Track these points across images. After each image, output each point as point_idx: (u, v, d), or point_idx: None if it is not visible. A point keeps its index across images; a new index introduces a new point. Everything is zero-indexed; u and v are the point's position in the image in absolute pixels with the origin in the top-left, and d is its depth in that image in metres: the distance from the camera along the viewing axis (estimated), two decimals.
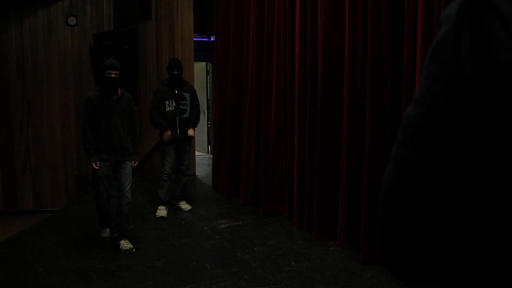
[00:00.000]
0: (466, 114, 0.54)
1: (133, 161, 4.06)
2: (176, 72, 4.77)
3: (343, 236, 3.79)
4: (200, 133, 8.62)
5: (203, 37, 8.30)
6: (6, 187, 7.11)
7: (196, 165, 7.13)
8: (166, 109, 4.78)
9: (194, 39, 6.58)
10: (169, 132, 4.76)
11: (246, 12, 5.14)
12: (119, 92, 4.02)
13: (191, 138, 5.01)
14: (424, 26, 3.02)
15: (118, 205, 3.94)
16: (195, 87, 5.41)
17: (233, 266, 3.52)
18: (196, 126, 5.06)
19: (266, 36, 4.81)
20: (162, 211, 4.81)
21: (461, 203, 0.56)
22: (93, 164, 3.87)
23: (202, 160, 8.22)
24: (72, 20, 7.13)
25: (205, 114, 8.82)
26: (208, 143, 9.08)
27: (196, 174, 6.82)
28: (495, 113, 0.52)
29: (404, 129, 0.60)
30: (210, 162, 6.84)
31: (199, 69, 8.71)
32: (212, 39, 7.80)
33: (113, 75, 3.91)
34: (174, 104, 4.80)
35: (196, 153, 7.44)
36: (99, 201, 4.03)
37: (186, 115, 4.88)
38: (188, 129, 4.88)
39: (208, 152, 9.03)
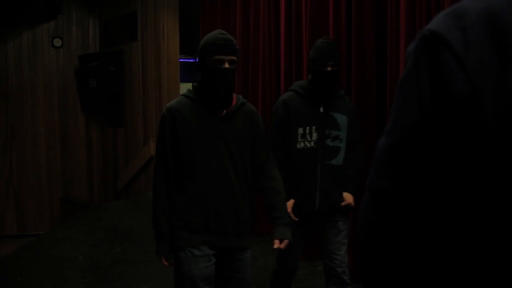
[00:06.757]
0: (430, 142, 0.57)
1: (277, 240, 2.09)
2: (329, 69, 2.53)
3: None
4: None
5: (189, 58, 8.35)
6: None
7: None
8: (298, 146, 2.58)
9: (180, 60, 6.61)
10: (291, 202, 2.55)
11: (231, 34, 5.19)
12: (234, 102, 2.13)
13: (350, 209, 2.65)
14: (407, 35, 3.12)
15: None
16: None
17: None
18: (356, 185, 2.64)
19: (252, 56, 4.86)
20: None
21: (434, 226, 0.59)
22: (163, 259, 2.15)
23: None
24: (57, 42, 7.12)
25: None
26: None
27: None
28: (454, 140, 0.55)
29: (376, 159, 0.64)
30: None
31: (186, 90, 8.73)
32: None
33: (227, 65, 2.02)
34: (315, 135, 2.56)
35: None
36: None
37: (338, 159, 2.60)
38: (342, 191, 2.62)
39: None
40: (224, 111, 2.09)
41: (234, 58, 2.06)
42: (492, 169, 0.53)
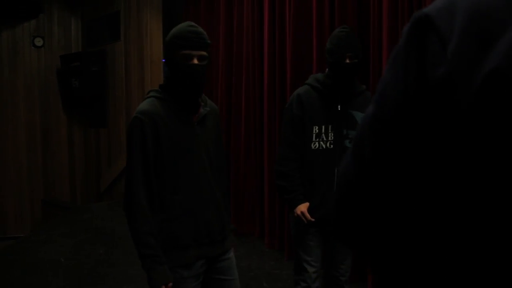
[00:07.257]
0: (411, 120, 0.60)
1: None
2: (348, 61, 2.32)
3: None
4: None
5: None
6: None
7: None
8: (312, 146, 2.38)
9: (164, 60, 6.58)
10: (303, 207, 2.37)
11: (215, 35, 5.19)
12: (201, 103, 1.96)
13: None
14: (389, 36, 3.15)
15: None
16: None
17: None
18: None
19: (235, 56, 4.85)
20: None
21: (405, 195, 0.63)
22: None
23: None
24: (38, 41, 7.02)
25: None
26: None
27: None
28: (432, 123, 0.58)
29: (362, 125, 0.68)
30: None
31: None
32: None
33: (196, 61, 1.82)
34: (331, 135, 2.39)
35: None
36: None
37: None
38: None
39: None
40: (197, 114, 1.92)
41: (205, 53, 1.83)
42: (467, 152, 0.55)
